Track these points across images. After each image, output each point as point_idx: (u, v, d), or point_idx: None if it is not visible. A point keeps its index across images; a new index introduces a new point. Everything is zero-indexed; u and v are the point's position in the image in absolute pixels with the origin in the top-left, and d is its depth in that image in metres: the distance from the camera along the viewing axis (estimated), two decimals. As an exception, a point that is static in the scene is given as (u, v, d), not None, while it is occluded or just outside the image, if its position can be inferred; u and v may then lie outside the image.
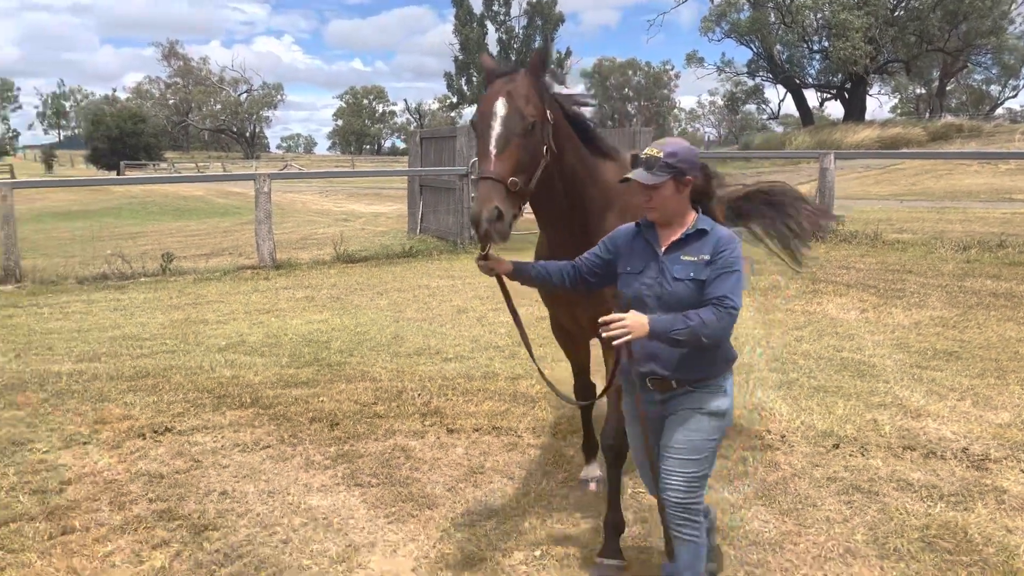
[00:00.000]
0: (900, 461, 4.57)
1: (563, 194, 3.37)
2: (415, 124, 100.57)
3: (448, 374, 6.39)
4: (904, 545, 3.61)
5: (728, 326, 2.73)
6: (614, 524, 3.53)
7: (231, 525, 3.93)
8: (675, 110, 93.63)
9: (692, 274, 2.76)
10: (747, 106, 64.96)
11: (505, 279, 3.18)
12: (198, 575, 3.49)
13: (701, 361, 2.84)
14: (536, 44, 71.05)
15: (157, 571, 3.52)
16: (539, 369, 3.36)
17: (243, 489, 4.33)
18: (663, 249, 2.86)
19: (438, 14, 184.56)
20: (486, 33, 70.22)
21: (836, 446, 4.78)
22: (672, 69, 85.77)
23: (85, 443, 5.01)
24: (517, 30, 71.70)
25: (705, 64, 57.94)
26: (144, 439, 5.06)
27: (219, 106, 78.84)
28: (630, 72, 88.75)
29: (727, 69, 54.65)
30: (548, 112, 3.18)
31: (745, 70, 53.30)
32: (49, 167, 63.46)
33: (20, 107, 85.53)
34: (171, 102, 77.53)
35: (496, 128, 3.01)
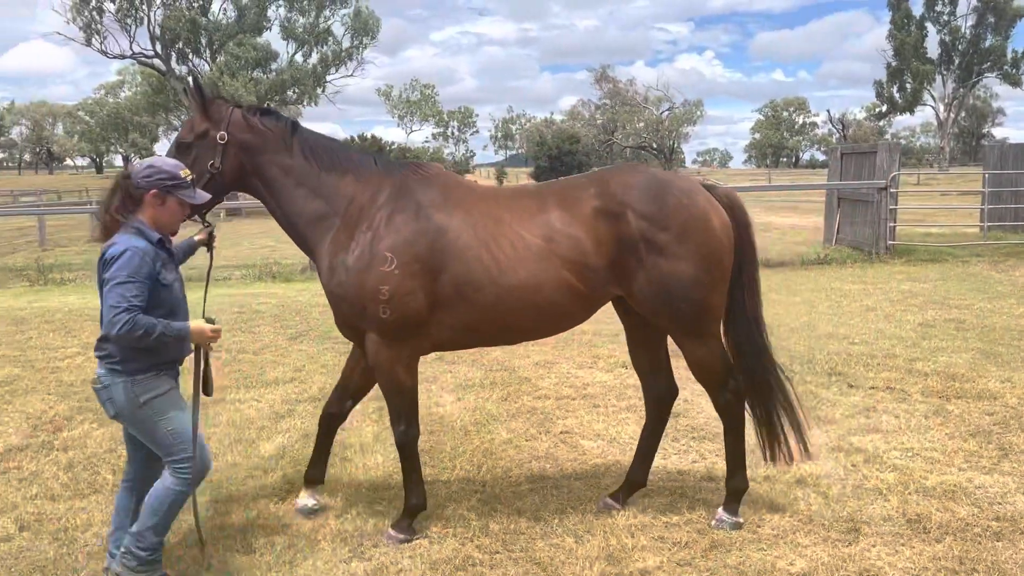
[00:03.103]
0: None
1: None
2: (837, 135, 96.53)
3: (853, 352, 7.81)
4: None
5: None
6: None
7: (693, 415, 6.03)
8: None
9: None
10: None
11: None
12: (674, 436, 5.61)
13: None
14: (987, 44, 63.98)
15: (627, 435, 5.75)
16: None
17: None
18: None
19: (875, 17, 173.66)
20: (925, 36, 65.25)
21: None
22: None
23: (550, 364, 7.55)
24: (963, 30, 65.42)
25: None
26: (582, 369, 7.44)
27: (642, 124, 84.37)
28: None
29: None
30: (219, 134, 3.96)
31: None
32: (500, 183, 74.52)
33: (477, 131, 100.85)
34: (599, 122, 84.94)
35: None
